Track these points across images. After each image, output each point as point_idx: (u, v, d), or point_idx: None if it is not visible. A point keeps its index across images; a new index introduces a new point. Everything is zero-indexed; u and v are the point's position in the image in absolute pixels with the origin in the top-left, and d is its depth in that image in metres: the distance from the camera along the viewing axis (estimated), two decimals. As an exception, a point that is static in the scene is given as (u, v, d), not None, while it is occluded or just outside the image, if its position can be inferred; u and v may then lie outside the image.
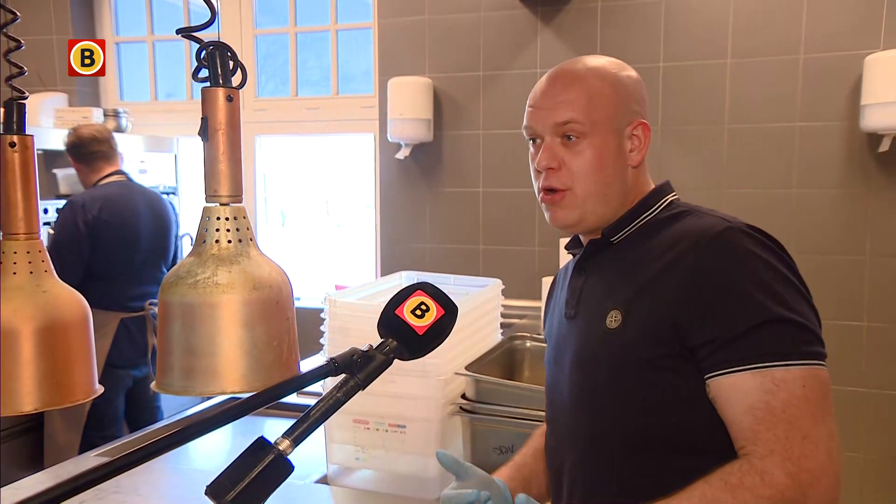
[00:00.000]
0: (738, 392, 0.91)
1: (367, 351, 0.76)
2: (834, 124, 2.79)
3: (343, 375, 0.75)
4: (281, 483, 0.69)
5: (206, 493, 0.67)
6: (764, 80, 2.85)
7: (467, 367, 1.49)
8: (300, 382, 0.73)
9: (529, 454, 1.21)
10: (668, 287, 0.96)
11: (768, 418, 0.89)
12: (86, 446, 2.66)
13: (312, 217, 4.15)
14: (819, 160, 2.82)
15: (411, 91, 3.17)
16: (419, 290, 0.78)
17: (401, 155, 3.26)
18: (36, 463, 2.74)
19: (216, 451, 1.82)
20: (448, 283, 1.85)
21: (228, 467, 0.67)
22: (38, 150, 2.89)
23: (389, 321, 0.77)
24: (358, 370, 0.74)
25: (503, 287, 1.81)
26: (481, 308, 1.66)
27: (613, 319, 1.00)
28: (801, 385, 0.90)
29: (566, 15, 3.07)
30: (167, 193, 3.64)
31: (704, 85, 2.91)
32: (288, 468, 0.69)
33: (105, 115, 3.53)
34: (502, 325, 1.85)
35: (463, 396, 1.46)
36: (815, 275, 2.91)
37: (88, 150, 2.85)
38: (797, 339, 0.92)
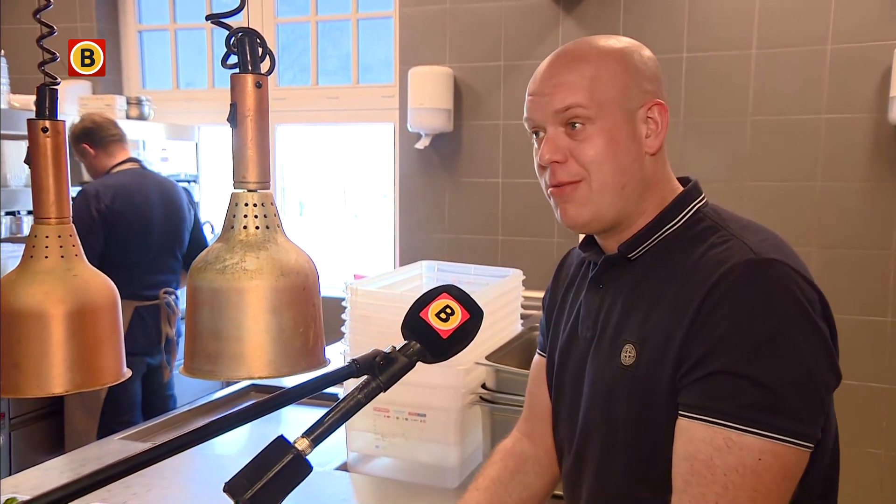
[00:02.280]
0: (687, 436, 0.85)
1: (389, 353, 0.75)
2: (861, 116, 2.74)
3: (365, 377, 0.75)
4: (299, 483, 0.69)
5: (224, 491, 0.67)
6: (789, 72, 2.81)
7: (487, 357, 1.49)
8: (321, 384, 0.73)
9: (475, 500, 1.12)
10: (676, 327, 0.88)
11: (705, 473, 0.83)
12: (103, 432, 2.69)
13: (330, 207, 4.16)
14: (845, 153, 2.77)
15: (432, 81, 3.16)
16: (445, 293, 0.77)
17: (420, 145, 3.26)
18: (56, 447, 2.78)
19: (238, 437, 1.84)
20: (468, 274, 1.85)
21: (247, 465, 0.67)
22: (63, 137, 2.81)
23: (414, 323, 0.76)
24: (380, 372, 0.74)
25: (523, 277, 1.81)
26: (502, 298, 1.66)
27: (628, 355, 0.94)
28: (755, 456, 0.81)
29: (588, 4, 3.04)
30: (188, 181, 3.66)
31: (728, 76, 2.88)
32: (306, 468, 0.69)
33: (128, 102, 3.56)
34: (520, 317, 1.85)
35: (483, 386, 1.47)
36: (839, 269, 2.90)
37: (108, 134, 2.86)
38: (764, 405, 0.82)
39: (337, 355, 1.64)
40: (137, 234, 2.81)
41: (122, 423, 2.61)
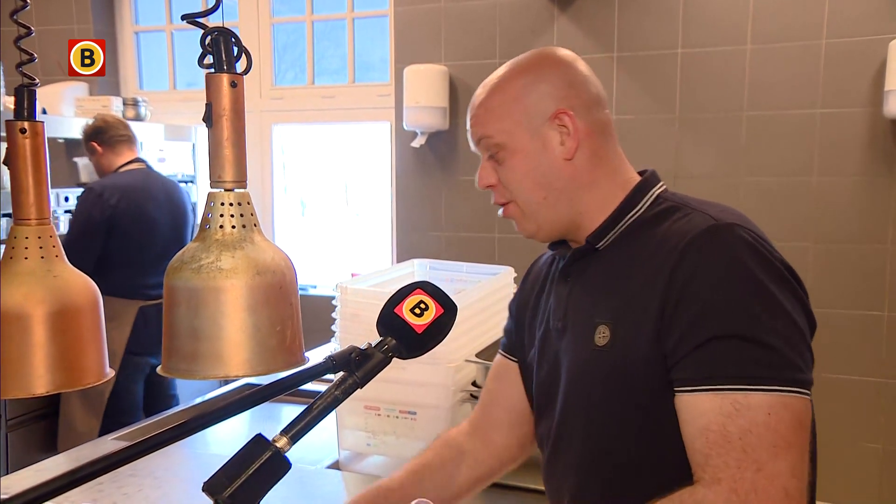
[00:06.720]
0: (694, 411, 0.85)
1: (365, 349, 0.76)
2: (856, 111, 2.74)
3: (341, 373, 0.75)
4: (279, 480, 0.70)
5: (203, 490, 0.68)
6: (784, 66, 2.80)
7: (478, 355, 1.49)
8: (295, 381, 0.74)
9: (399, 479, 1.13)
10: (650, 299, 0.90)
11: (721, 443, 0.83)
12: (106, 433, 2.69)
13: (332, 206, 4.16)
14: (841, 147, 2.77)
15: (427, 79, 3.16)
16: (418, 289, 0.79)
17: (416, 143, 3.26)
18: (50, 448, 2.78)
19: (233, 436, 1.84)
20: (461, 272, 1.85)
21: (226, 464, 0.68)
22: (59, 138, 2.93)
23: (388, 319, 0.78)
24: (356, 368, 0.75)
25: (515, 275, 1.81)
26: (493, 296, 1.66)
27: (602, 335, 0.95)
28: (765, 412, 0.82)
29: (583, 1, 3.04)
30: (185, 182, 3.67)
31: (723, 71, 2.87)
32: (285, 465, 0.69)
33: (124, 103, 3.56)
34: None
35: (473, 384, 1.47)
36: (835, 264, 2.90)
37: (117, 133, 2.90)
38: (763, 361, 0.83)
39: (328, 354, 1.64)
40: (141, 233, 2.83)
41: (125, 424, 2.61)
